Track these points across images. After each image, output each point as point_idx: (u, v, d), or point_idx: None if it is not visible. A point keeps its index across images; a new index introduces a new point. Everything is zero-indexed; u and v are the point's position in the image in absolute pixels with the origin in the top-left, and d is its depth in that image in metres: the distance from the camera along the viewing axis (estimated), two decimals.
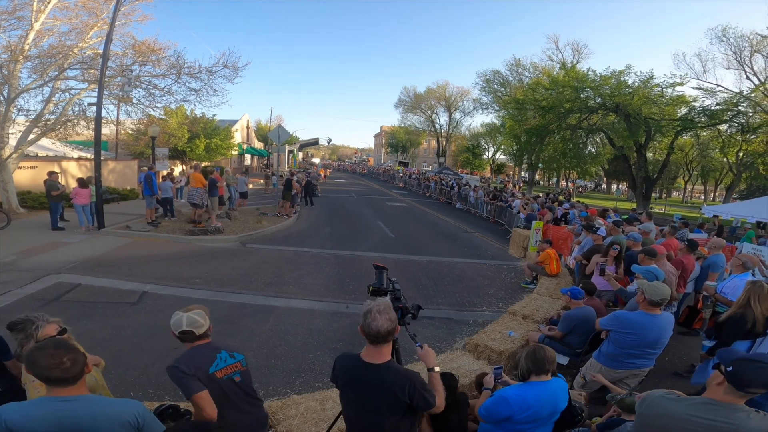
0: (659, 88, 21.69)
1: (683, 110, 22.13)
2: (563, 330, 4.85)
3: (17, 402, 1.79)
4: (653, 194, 27.44)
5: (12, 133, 12.82)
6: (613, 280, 5.60)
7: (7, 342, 2.81)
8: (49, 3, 12.47)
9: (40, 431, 1.69)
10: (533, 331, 5.45)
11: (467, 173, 52.62)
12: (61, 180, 13.60)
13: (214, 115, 28.08)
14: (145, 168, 16.38)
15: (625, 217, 11.29)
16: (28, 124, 13.18)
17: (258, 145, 47.60)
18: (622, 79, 22.41)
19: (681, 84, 21.32)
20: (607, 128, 25.18)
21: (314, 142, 57.55)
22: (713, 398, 2.05)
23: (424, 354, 2.49)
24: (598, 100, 23.10)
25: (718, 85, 22.01)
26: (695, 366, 5.36)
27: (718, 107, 20.73)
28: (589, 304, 5.04)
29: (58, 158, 17.54)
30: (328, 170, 50.24)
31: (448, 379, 3.36)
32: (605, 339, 3.90)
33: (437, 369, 2.48)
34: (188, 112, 26.39)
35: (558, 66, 34.56)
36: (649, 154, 27.34)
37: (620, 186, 63.60)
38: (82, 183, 11.47)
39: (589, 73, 24.19)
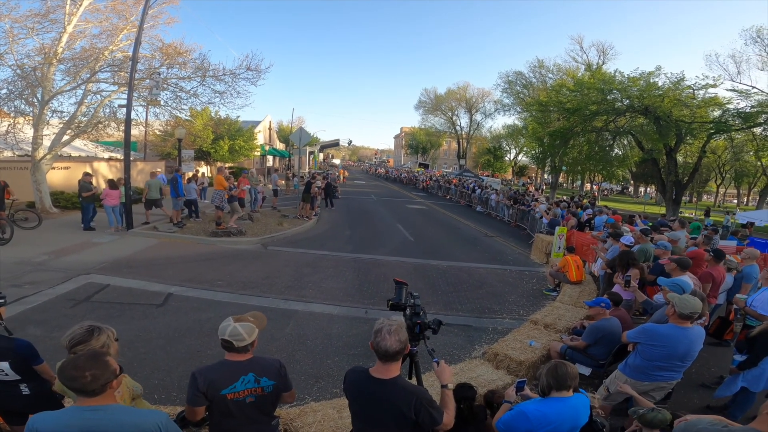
0: (690, 90, 20.98)
1: (716, 112, 21.33)
2: (588, 341, 4.74)
3: (48, 411, 1.87)
4: (683, 198, 26.51)
5: (46, 135, 13.21)
6: (638, 291, 5.45)
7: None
8: (81, 5, 12.78)
9: None
10: (555, 341, 5.34)
11: (488, 175, 52.08)
12: (93, 181, 14.05)
13: (238, 116, 28.56)
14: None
15: (651, 224, 10.95)
16: (61, 125, 13.54)
17: (280, 146, 48.18)
18: (651, 80, 21.72)
19: (714, 86, 20.57)
20: (636, 131, 24.43)
21: (335, 144, 58.03)
22: (762, 430, 1.95)
23: (440, 371, 2.50)
24: (626, 102, 22.43)
25: (753, 87, 21.11)
26: (723, 377, 5.19)
27: (753, 109, 19.92)
28: (614, 315, 4.92)
29: (89, 159, 18.09)
30: (347, 172, 50.76)
31: (466, 390, 3.33)
32: (632, 351, 3.80)
33: (450, 386, 2.49)
34: (213, 114, 26.89)
35: (583, 67, 33.94)
36: (680, 157, 26.47)
37: (648, 189, 61.88)
38: (112, 184, 11.82)
39: (616, 74, 23.58)
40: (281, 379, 2.47)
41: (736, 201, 57.84)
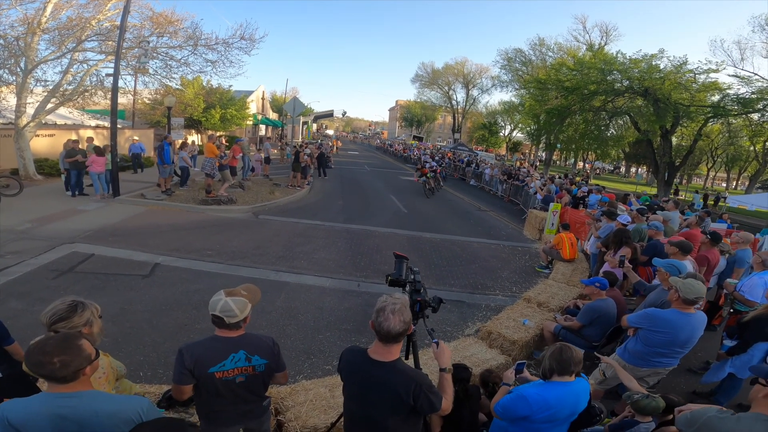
0: (692, 74, 20.80)
1: (715, 97, 21.25)
2: (583, 322, 4.68)
3: (17, 399, 1.72)
4: (675, 179, 26.70)
5: (30, 103, 12.87)
6: (632, 272, 5.36)
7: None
8: None
9: (42, 428, 1.64)
10: (549, 321, 5.30)
11: (482, 150, 51.86)
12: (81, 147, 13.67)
13: (230, 86, 27.95)
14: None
15: (648, 202, 10.91)
16: (45, 94, 13.19)
17: (273, 116, 47.32)
18: (653, 63, 21.52)
19: (716, 71, 20.52)
20: (633, 111, 24.35)
21: (329, 114, 57.30)
22: (764, 413, 1.96)
23: (438, 352, 2.36)
24: (626, 83, 22.27)
25: (755, 74, 21.02)
26: (710, 363, 5.19)
27: (752, 96, 19.87)
28: (609, 296, 4.86)
29: (75, 126, 17.60)
30: (339, 142, 50.39)
31: (461, 371, 3.25)
32: (632, 336, 3.70)
33: (449, 370, 2.36)
34: (204, 83, 26.49)
35: (584, 47, 33.35)
36: (674, 139, 26.49)
37: (640, 170, 62.14)
38: (99, 151, 11.52)
39: (618, 55, 23.29)
40: (274, 357, 2.36)
41: (725, 185, 58.41)
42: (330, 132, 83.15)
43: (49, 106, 13.21)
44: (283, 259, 8.01)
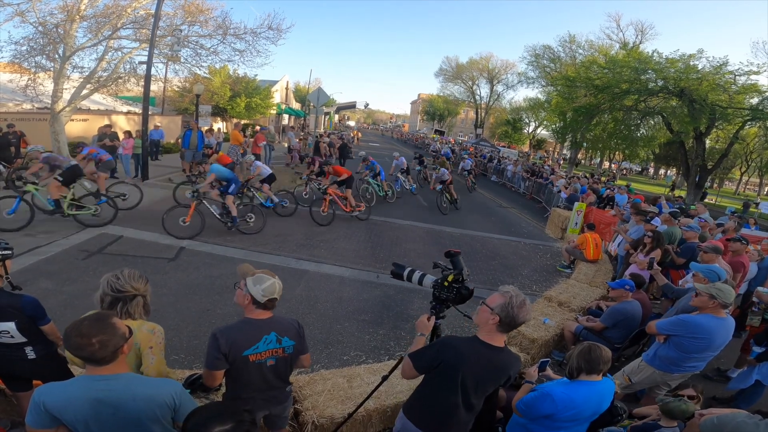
0: (732, 75, 20.00)
1: (754, 99, 20.40)
2: (607, 324, 4.58)
3: (55, 383, 1.73)
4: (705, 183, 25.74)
5: (66, 89, 13.26)
6: (660, 274, 5.22)
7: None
8: None
9: (79, 413, 1.64)
10: (570, 321, 5.21)
11: (504, 146, 51.19)
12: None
13: (256, 75, 28.42)
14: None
15: (678, 206, 10.61)
16: (81, 80, 13.57)
17: (296, 105, 47.72)
18: (691, 63, 20.75)
19: (758, 72, 19.65)
20: (667, 112, 23.56)
21: (351, 106, 57.51)
22: None
23: None
24: (661, 83, 21.52)
25: None
26: (720, 369, 5.14)
27: None
28: (635, 298, 4.74)
29: (108, 112, 18.14)
30: (360, 133, 50.88)
31: None
32: (663, 343, 3.59)
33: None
34: (231, 72, 26.94)
35: (618, 46, 32.39)
36: (708, 142, 25.52)
37: (669, 172, 60.34)
38: (129, 136, 11.96)
39: (654, 54, 22.52)
40: (300, 339, 2.40)
41: (757, 190, 56.19)
42: (351, 123, 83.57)
43: (85, 92, 13.57)
44: (303, 247, 8.08)
